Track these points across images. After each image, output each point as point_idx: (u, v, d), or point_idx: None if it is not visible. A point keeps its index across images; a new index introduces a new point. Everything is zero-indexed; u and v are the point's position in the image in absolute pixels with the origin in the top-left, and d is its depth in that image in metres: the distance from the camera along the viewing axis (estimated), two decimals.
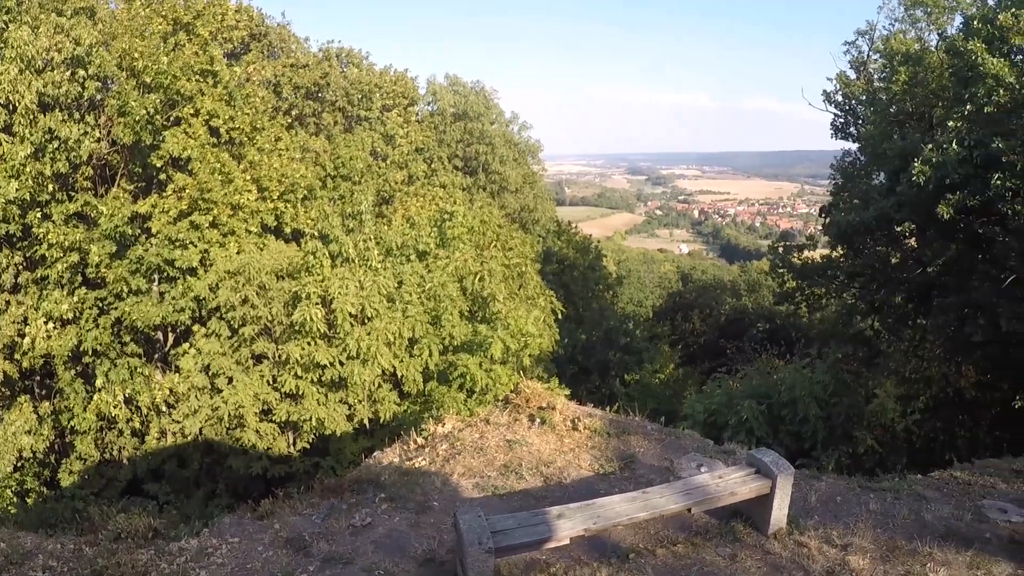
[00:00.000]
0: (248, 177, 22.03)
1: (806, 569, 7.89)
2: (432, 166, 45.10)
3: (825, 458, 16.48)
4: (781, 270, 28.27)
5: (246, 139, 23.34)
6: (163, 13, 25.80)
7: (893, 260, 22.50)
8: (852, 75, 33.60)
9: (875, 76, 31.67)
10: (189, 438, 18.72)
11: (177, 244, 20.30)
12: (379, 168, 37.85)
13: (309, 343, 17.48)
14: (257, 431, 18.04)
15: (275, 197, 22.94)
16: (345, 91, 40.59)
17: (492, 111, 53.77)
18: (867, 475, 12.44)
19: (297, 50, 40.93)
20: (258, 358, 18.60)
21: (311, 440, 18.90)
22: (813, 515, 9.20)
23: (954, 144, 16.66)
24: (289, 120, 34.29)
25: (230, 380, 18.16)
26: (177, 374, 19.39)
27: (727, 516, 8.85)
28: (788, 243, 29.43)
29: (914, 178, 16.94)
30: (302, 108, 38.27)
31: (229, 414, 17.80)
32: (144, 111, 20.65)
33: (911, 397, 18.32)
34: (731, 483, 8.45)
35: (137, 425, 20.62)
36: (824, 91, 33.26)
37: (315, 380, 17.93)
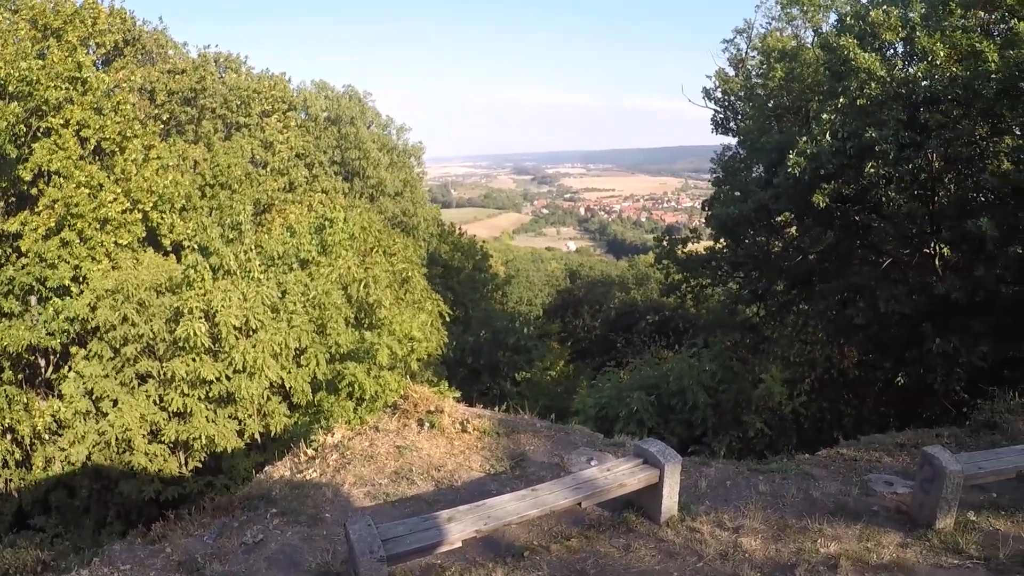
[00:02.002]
0: (118, 189, 21.27)
1: (699, 554, 7.92)
2: (313, 171, 44.52)
3: (716, 444, 16.73)
4: (666, 263, 28.67)
5: (116, 149, 22.55)
6: (31, 18, 24.76)
7: (775, 249, 23.00)
8: (731, 72, 34.50)
9: (753, 72, 32.52)
10: (77, 465, 17.94)
11: (48, 263, 19.53)
12: (259, 175, 37.13)
13: (194, 359, 16.96)
14: (146, 453, 17.38)
15: (148, 208, 22.22)
16: (224, 97, 39.71)
17: (368, 114, 53.37)
18: (758, 458, 12.66)
19: (175, 55, 39.80)
20: (142, 378, 17.92)
21: (203, 459, 18.29)
22: (704, 500, 9.27)
23: (827, 136, 17.08)
24: (163, 127, 33.33)
25: (115, 403, 17.46)
26: (60, 400, 18.59)
27: (619, 507, 8.85)
28: (672, 237, 29.89)
29: (790, 169, 17.29)
30: (179, 115, 37.29)
31: (117, 438, 17.13)
32: (4, 122, 19.75)
33: (797, 380, 18.74)
34: (620, 475, 8.45)
35: (19, 456, 19.72)
36: (704, 88, 34.04)
37: (202, 397, 17.37)
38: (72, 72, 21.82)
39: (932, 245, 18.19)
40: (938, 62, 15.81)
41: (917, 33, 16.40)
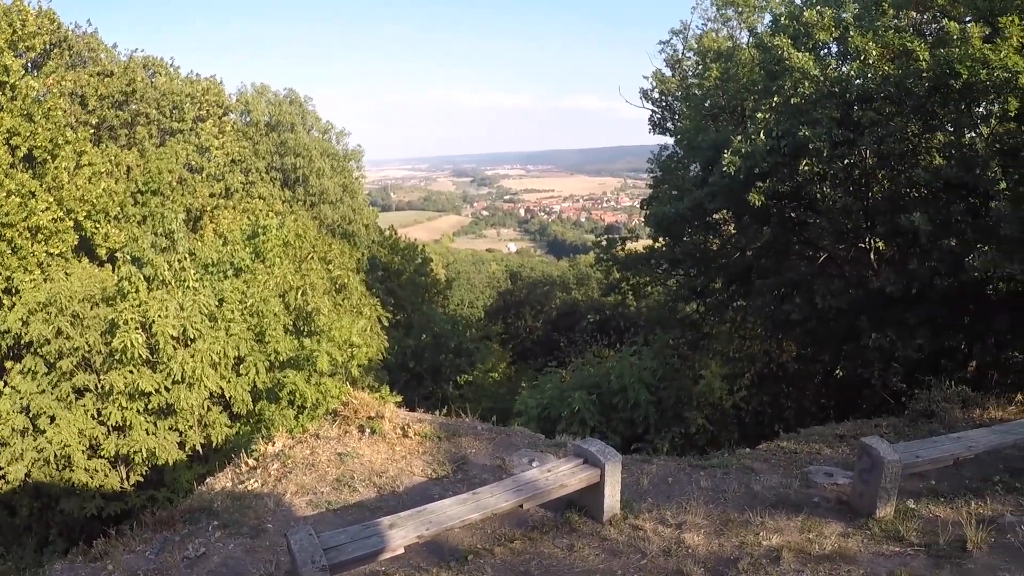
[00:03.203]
0: (50, 198, 20.79)
1: (643, 551, 7.92)
2: (249, 177, 43.89)
3: (659, 441, 16.78)
4: (607, 262, 28.82)
5: (48, 156, 22.02)
6: None
7: (712, 247, 23.19)
8: (668, 72, 34.68)
9: (689, 73, 32.77)
10: (15, 484, 17.42)
11: None
12: (194, 181, 36.50)
13: (132, 371, 16.60)
14: (86, 469, 16.92)
15: (81, 217, 21.74)
16: (156, 102, 38.92)
17: (308, 119, 52.86)
18: (700, 453, 12.76)
19: (106, 58, 38.85)
20: (79, 392, 17.46)
21: (144, 472, 17.84)
22: (646, 498, 9.31)
23: (762, 135, 17.22)
24: (94, 132, 32.58)
25: (52, 419, 17.01)
26: None
27: (562, 508, 8.86)
28: (611, 236, 30.03)
29: (725, 168, 17.41)
30: (111, 119, 36.48)
31: (55, 454, 16.67)
32: None
33: (737, 375, 18.89)
34: (560, 475, 8.46)
35: None
36: (641, 89, 34.22)
37: (141, 409, 16.97)
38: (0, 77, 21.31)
39: (867, 240, 18.45)
40: (871, 61, 16.01)
41: (850, 33, 16.58)
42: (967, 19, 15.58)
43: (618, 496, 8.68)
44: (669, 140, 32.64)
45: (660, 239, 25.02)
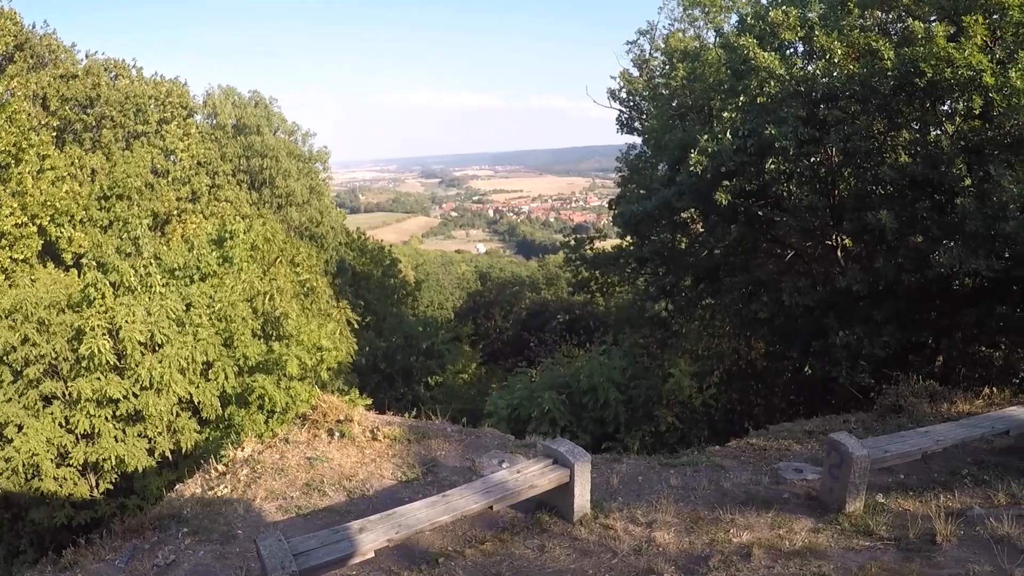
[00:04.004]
0: (14, 203, 20.49)
1: (614, 550, 7.90)
2: (216, 180, 43.47)
3: (629, 440, 16.81)
4: (576, 261, 28.87)
5: (12, 160, 21.69)
6: None
7: (681, 245, 23.27)
8: (635, 72, 34.82)
9: (656, 73, 32.94)
10: None
11: None
12: (160, 185, 36.11)
13: (99, 377, 16.38)
14: (55, 478, 16.66)
15: (45, 222, 21.45)
16: (120, 104, 38.45)
17: (274, 120, 52.48)
18: (671, 451, 12.76)
19: (67, 60, 38.36)
20: (47, 399, 17.20)
21: (114, 480, 17.58)
22: (617, 497, 9.30)
23: (728, 134, 17.28)
24: (56, 135, 32.18)
25: (20, 427, 16.75)
26: None
27: (533, 508, 8.83)
28: (580, 236, 30.09)
29: (692, 167, 17.46)
30: (74, 122, 36.03)
31: (23, 463, 16.42)
32: None
33: (705, 373, 19.00)
34: (530, 476, 8.43)
35: None
36: (609, 89, 34.36)
37: (110, 416, 16.72)
38: None
39: (834, 237, 18.55)
40: (836, 60, 16.11)
41: (816, 32, 16.67)
42: (932, 18, 15.73)
43: (588, 496, 8.66)
44: (637, 140, 32.84)
45: (628, 238, 25.11)
